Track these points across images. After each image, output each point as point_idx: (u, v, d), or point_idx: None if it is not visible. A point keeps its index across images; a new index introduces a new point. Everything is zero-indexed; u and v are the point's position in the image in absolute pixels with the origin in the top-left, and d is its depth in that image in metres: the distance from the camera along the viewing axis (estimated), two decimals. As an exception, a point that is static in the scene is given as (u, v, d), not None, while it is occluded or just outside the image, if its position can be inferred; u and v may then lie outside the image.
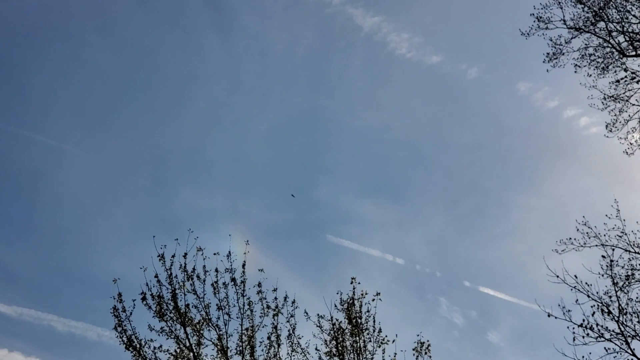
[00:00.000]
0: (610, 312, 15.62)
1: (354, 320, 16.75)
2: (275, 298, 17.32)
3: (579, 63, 24.19)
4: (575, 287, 16.19)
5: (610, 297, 16.04)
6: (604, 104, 23.89)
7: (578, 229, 18.98)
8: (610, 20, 23.37)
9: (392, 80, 61.95)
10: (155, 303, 16.97)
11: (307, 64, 61.37)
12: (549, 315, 15.72)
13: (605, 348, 15.17)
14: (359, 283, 17.25)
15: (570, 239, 19.10)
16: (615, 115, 23.67)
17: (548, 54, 24.61)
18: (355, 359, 16.31)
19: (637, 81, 23.06)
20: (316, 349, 16.76)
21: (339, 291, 17.17)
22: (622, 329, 15.37)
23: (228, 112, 60.31)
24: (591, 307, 15.76)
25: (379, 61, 60.02)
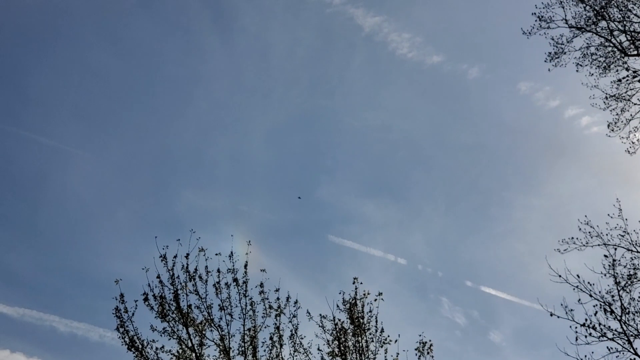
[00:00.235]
0: (612, 312, 15.63)
1: (356, 320, 16.74)
2: (278, 298, 17.36)
3: (581, 62, 24.19)
4: (577, 287, 16.21)
5: (613, 297, 16.06)
6: (605, 103, 23.88)
7: (580, 229, 18.98)
8: (611, 20, 23.35)
9: (393, 80, 61.96)
10: (158, 304, 16.98)
11: (308, 64, 61.42)
12: (551, 315, 15.73)
13: (607, 347, 15.20)
14: (361, 283, 17.29)
15: (573, 238, 19.10)
16: (617, 114, 23.66)
17: (550, 53, 24.62)
18: (358, 359, 16.31)
19: (639, 80, 23.04)
20: (318, 349, 16.76)
21: (341, 291, 17.21)
22: (625, 328, 15.38)
23: (229, 113, 60.36)
24: (593, 307, 15.78)
25: (379, 61, 60.04)
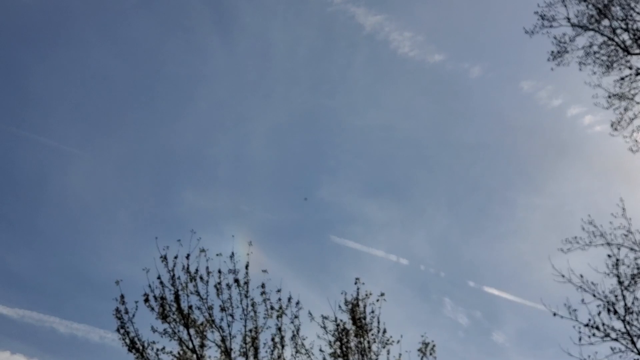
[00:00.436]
0: (616, 312, 15.54)
1: (359, 321, 16.67)
2: (279, 299, 17.20)
3: (584, 61, 24.04)
4: (580, 287, 16.07)
5: (616, 296, 15.94)
6: (608, 102, 23.75)
7: (583, 228, 18.84)
8: (614, 18, 23.23)
9: (395, 79, 61.80)
10: (158, 305, 16.89)
11: (309, 64, 61.28)
12: (554, 315, 15.63)
13: (611, 347, 15.07)
14: (363, 283, 17.15)
15: (576, 237, 18.98)
16: (620, 113, 23.52)
17: (552, 52, 24.47)
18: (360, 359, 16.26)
19: (642, 79, 22.93)
20: (320, 350, 16.63)
21: (343, 292, 17.07)
22: (628, 328, 15.28)
23: (230, 113, 60.25)
24: (597, 307, 15.67)
25: (381, 60, 59.87)
